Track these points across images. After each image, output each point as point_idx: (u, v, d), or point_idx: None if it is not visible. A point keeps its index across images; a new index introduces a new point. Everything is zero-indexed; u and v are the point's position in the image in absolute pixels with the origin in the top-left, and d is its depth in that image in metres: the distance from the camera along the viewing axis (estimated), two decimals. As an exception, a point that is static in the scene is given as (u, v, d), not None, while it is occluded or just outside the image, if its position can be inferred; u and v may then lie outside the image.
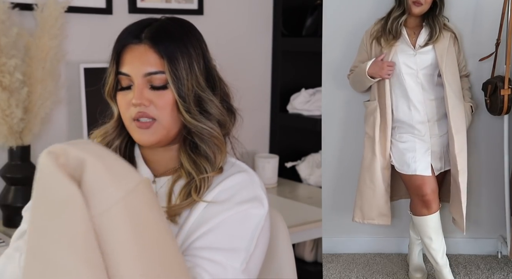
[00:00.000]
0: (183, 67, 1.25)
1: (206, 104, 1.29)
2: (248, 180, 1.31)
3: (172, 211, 1.26)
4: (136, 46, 1.25)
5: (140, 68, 1.24)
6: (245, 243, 1.23)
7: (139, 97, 1.24)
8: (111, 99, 1.31)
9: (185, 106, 1.26)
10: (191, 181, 1.29)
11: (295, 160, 2.95)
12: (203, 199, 1.26)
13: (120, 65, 1.27)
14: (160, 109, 1.25)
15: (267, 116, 3.07)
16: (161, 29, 1.27)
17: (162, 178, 1.34)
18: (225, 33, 2.79)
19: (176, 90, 1.25)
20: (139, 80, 1.24)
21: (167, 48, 1.25)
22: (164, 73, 1.24)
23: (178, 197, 1.28)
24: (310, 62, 2.85)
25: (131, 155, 1.36)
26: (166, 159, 1.33)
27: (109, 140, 1.34)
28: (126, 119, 1.28)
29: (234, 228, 1.23)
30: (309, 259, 2.78)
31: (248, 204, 1.26)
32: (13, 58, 2.10)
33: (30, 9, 2.24)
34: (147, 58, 1.24)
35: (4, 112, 2.12)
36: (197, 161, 1.29)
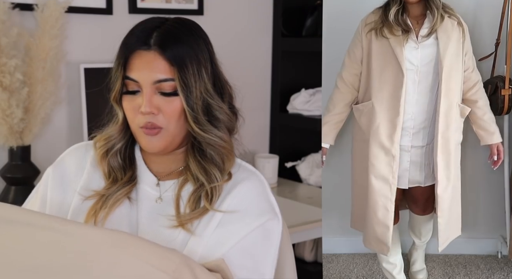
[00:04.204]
0: (192, 74, 1.24)
1: (215, 110, 1.28)
2: (260, 187, 1.31)
3: (182, 220, 1.25)
4: (145, 52, 1.23)
5: (150, 75, 1.23)
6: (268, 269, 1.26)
7: (149, 106, 1.22)
8: (116, 104, 1.29)
9: (193, 115, 1.25)
10: (200, 187, 1.28)
11: (295, 160, 2.95)
12: (217, 209, 1.25)
13: (128, 70, 1.25)
14: (168, 117, 1.24)
15: (267, 116, 3.07)
16: (169, 34, 1.25)
17: (167, 181, 1.32)
18: (225, 33, 2.79)
19: (185, 98, 1.23)
20: (148, 87, 1.23)
21: (176, 55, 1.23)
22: (174, 81, 1.23)
23: (187, 204, 1.27)
24: (310, 62, 2.85)
25: (132, 157, 1.35)
26: (170, 161, 1.33)
27: (113, 144, 1.32)
28: (134, 125, 1.27)
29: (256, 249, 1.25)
30: (309, 259, 2.78)
31: (266, 216, 1.27)
32: (14, 58, 2.11)
33: (30, 9, 2.24)
34: (157, 65, 1.23)
35: (4, 112, 2.12)
36: (207, 168, 1.28)
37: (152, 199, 1.31)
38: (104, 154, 1.32)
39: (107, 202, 1.29)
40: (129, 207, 1.31)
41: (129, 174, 1.32)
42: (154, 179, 1.33)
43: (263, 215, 1.27)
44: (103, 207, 1.29)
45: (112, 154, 1.32)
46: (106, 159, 1.32)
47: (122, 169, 1.32)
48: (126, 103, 1.27)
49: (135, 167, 1.34)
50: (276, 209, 1.30)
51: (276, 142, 3.05)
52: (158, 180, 1.33)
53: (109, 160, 1.32)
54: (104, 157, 1.32)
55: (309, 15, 2.94)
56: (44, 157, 2.31)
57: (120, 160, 1.32)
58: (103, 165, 1.33)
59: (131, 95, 1.26)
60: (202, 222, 1.25)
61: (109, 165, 1.32)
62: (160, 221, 1.27)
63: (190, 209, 1.26)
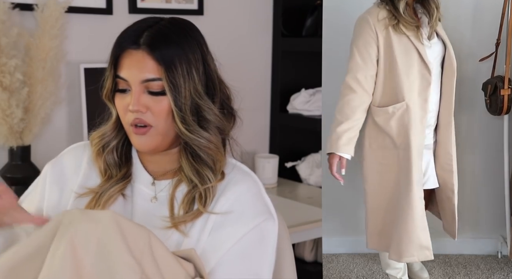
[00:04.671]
0: (181, 75, 1.24)
1: (204, 112, 1.27)
2: (255, 188, 1.31)
3: (176, 222, 1.26)
4: (134, 51, 1.24)
5: (138, 75, 1.24)
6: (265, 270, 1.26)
7: (136, 104, 1.23)
8: (109, 101, 1.30)
9: (181, 115, 1.25)
10: (193, 188, 1.28)
11: (295, 160, 2.95)
12: (211, 211, 1.26)
13: (118, 69, 1.26)
14: (157, 116, 1.25)
15: (267, 116, 3.06)
16: (159, 34, 1.25)
17: (162, 181, 1.33)
18: (225, 33, 2.79)
19: (173, 98, 1.24)
20: (136, 86, 1.24)
21: (164, 55, 1.23)
22: (162, 80, 1.23)
23: (181, 205, 1.27)
24: (310, 62, 2.85)
25: (128, 155, 1.35)
26: (165, 161, 1.33)
27: (107, 141, 1.33)
28: (125, 123, 1.28)
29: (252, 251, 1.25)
30: (309, 259, 2.77)
31: (261, 217, 1.27)
32: (14, 58, 2.11)
33: (30, 9, 2.24)
34: (145, 64, 1.23)
35: (4, 112, 2.12)
36: (200, 170, 1.28)
37: (147, 199, 1.32)
38: (100, 150, 1.33)
39: (101, 199, 1.30)
40: (123, 205, 1.31)
41: (124, 171, 1.33)
42: (150, 178, 1.33)
43: (258, 216, 1.27)
44: (97, 204, 1.29)
45: (108, 151, 1.33)
46: (102, 156, 1.33)
47: (118, 166, 1.33)
48: (118, 101, 1.28)
49: (131, 165, 1.34)
50: (271, 210, 1.30)
51: (276, 142, 3.05)
52: (153, 179, 1.33)
53: (105, 156, 1.33)
54: (99, 154, 1.33)
55: (309, 15, 2.94)
56: (44, 157, 2.29)
57: (116, 157, 1.33)
58: (99, 162, 1.33)
59: (122, 93, 1.27)
60: (196, 225, 1.25)
61: (105, 162, 1.33)
62: (154, 221, 1.27)
63: (184, 210, 1.27)
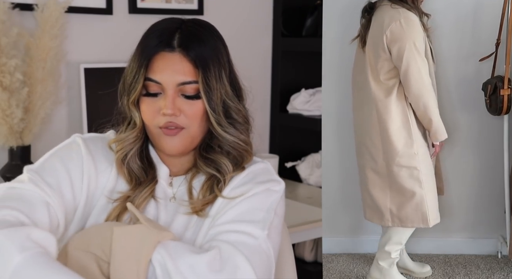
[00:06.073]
0: (213, 77, 1.23)
1: (234, 113, 1.28)
2: (265, 168, 1.34)
3: (195, 207, 1.27)
4: (169, 54, 1.22)
5: (174, 77, 1.22)
6: (263, 213, 1.24)
7: (172, 107, 1.22)
8: (134, 107, 1.26)
9: (216, 117, 1.25)
10: (212, 176, 1.29)
11: (295, 160, 2.95)
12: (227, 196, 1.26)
13: (150, 72, 1.23)
14: (190, 118, 1.24)
15: (267, 116, 3.07)
16: (192, 35, 1.24)
17: (179, 177, 1.33)
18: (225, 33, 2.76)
19: (207, 100, 1.23)
20: (171, 89, 1.22)
21: (200, 57, 1.22)
22: (197, 83, 1.22)
23: (200, 192, 1.29)
24: (310, 62, 2.85)
25: (149, 157, 1.34)
26: (182, 162, 1.33)
27: (130, 148, 1.30)
28: (153, 126, 1.25)
29: (254, 202, 1.25)
30: (309, 259, 2.78)
31: (267, 184, 1.28)
32: (14, 58, 2.11)
33: (30, 9, 2.24)
34: (181, 67, 1.22)
35: (4, 112, 2.12)
36: (216, 160, 1.29)
37: (167, 197, 1.32)
38: (123, 158, 1.30)
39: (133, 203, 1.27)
40: (155, 206, 1.31)
41: (151, 175, 1.32)
42: (169, 177, 1.33)
43: (265, 184, 1.29)
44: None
45: (131, 157, 1.30)
46: (125, 163, 1.30)
47: (143, 170, 1.31)
48: (145, 106, 1.25)
49: (154, 166, 1.33)
50: (280, 181, 1.32)
51: (276, 142, 3.05)
52: (171, 178, 1.33)
53: (129, 163, 1.30)
54: (123, 162, 1.30)
55: (309, 15, 2.94)
56: (44, 157, 2.30)
57: (138, 162, 1.31)
58: (122, 169, 1.31)
59: (151, 97, 1.24)
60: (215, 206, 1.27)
61: (129, 168, 1.30)
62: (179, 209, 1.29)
63: (202, 196, 1.28)
